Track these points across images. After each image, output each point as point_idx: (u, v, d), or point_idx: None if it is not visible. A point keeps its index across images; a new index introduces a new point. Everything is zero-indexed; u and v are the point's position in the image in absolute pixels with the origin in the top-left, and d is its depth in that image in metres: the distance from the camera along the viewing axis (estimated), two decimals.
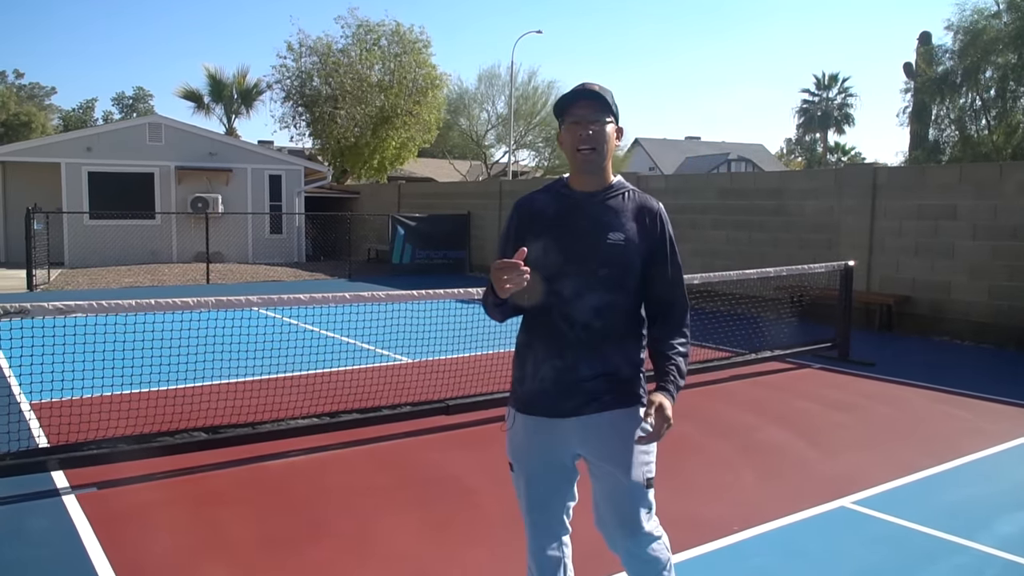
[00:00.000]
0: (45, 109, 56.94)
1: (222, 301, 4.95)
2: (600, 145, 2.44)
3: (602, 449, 2.49)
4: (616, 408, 2.47)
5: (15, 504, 4.37)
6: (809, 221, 12.22)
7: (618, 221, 2.46)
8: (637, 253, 2.44)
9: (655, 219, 2.50)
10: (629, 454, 2.47)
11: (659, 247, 2.48)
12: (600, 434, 2.48)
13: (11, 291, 14.30)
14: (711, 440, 5.77)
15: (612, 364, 2.47)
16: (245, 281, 17.11)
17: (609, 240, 2.43)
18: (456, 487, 4.75)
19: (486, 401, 6.04)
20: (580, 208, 2.49)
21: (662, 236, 2.49)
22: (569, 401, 2.46)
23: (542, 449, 2.54)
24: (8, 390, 6.22)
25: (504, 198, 19.06)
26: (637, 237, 2.45)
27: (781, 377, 7.99)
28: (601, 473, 2.52)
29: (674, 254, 2.52)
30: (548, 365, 2.48)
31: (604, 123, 2.44)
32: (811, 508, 4.45)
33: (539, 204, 2.56)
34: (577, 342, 2.44)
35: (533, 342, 2.54)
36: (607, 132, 2.45)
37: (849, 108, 55.55)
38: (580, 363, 2.44)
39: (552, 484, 2.57)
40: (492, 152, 42.65)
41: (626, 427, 2.47)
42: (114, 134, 21.09)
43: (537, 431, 2.53)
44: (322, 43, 28.98)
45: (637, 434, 2.43)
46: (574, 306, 2.44)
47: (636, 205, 2.50)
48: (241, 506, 4.43)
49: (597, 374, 2.45)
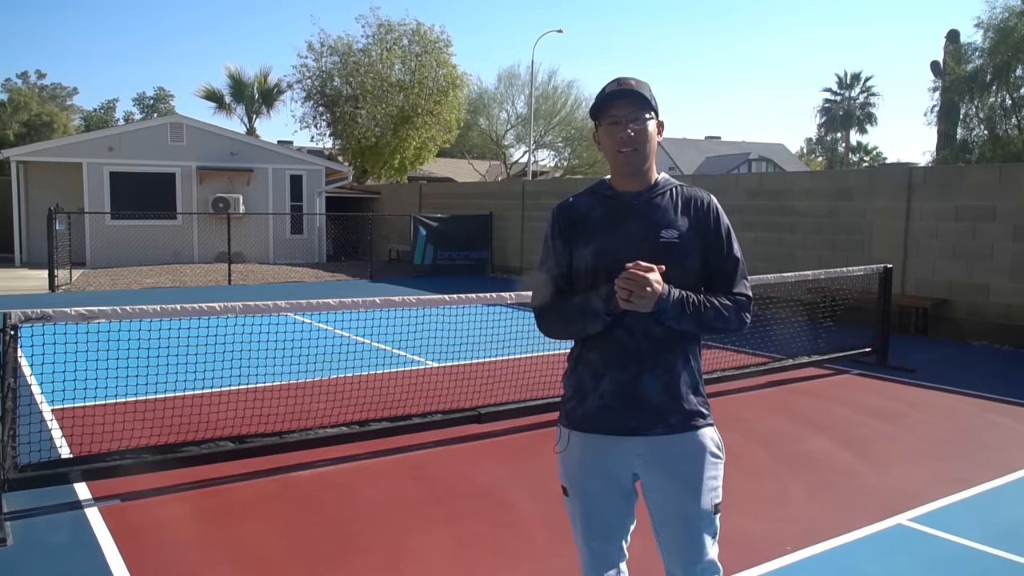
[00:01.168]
0: (67, 109, 57.32)
1: (249, 306, 4.79)
2: (642, 145, 2.28)
3: (669, 473, 2.30)
4: (684, 431, 2.29)
5: (37, 517, 4.23)
6: (841, 222, 11.93)
7: (669, 218, 2.30)
8: (694, 249, 2.29)
9: (708, 211, 2.34)
10: (698, 479, 2.29)
11: (715, 240, 2.32)
12: (667, 457, 2.29)
13: (33, 292, 14.28)
14: (753, 449, 5.55)
15: (676, 376, 2.29)
16: (266, 282, 17.02)
17: (663, 239, 2.27)
18: (490, 501, 4.56)
19: (519, 409, 5.85)
20: (628, 209, 2.32)
21: (717, 228, 2.33)
22: (633, 418, 2.28)
23: (601, 470, 2.35)
24: (30, 397, 6.10)
25: (527, 199, 18.87)
26: (691, 232, 2.29)
27: (819, 383, 7.74)
28: (665, 498, 2.33)
29: (732, 246, 2.35)
30: (608, 378, 2.30)
31: (645, 120, 2.28)
32: (867, 526, 4.22)
33: (582, 207, 2.39)
34: (638, 352, 2.27)
35: (590, 355, 2.35)
36: (649, 130, 2.29)
37: (872, 107, 54.92)
38: (643, 374, 2.27)
39: (612, 508, 2.38)
40: (511, 152, 42.49)
41: (694, 450, 2.30)
42: (136, 134, 21.10)
43: (596, 450, 2.34)
44: (343, 43, 28.92)
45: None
46: (633, 313, 2.24)
47: (686, 199, 2.34)
48: (268, 520, 4.27)
49: (662, 387, 2.27)
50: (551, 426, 2.49)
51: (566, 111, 39.69)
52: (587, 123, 38.73)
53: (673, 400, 2.28)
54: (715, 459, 2.33)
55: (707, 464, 2.30)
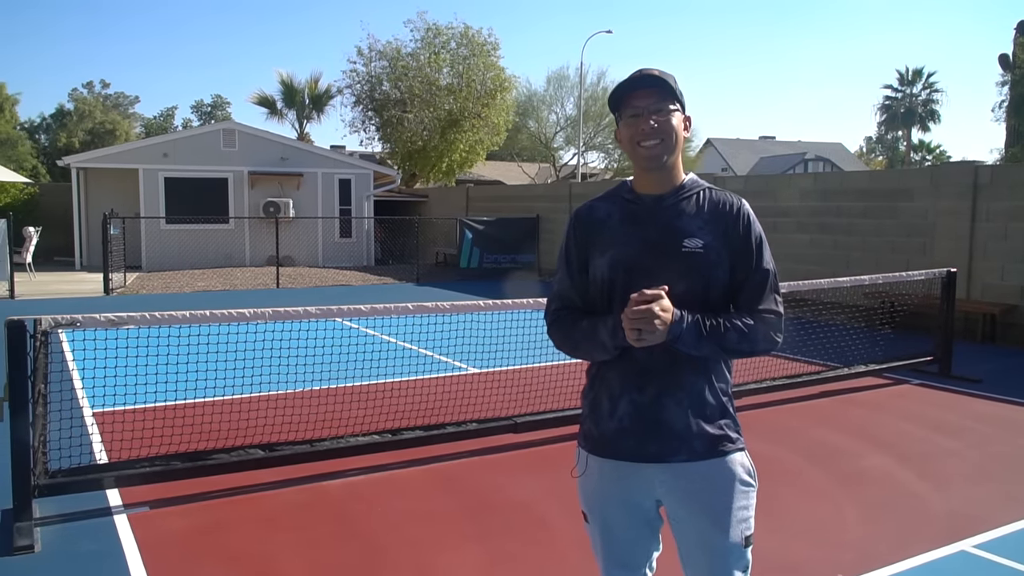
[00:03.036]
0: (129, 117, 58.90)
1: (279, 312, 4.69)
2: (667, 137, 2.06)
3: (693, 502, 2.09)
4: (710, 458, 2.07)
5: (66, 523, 4.19)
6: (902, 223, 11.45)
7: (694, 225, 2.07)
8: (720, 259, 2.06)
9: (737, 217, 2.09)
10: (726, 509, 2.08)
11: (743, 249, 2.08)
12: (691, 485, 2.08)
13: (88, 295, 14.55)
14: (805, 466, 5.25)
15: (700, 396, 2.07)
16: (314, 285, 17.11)
17: (685, 248, 2.04)
18: (524, 516, 4.38)
19: (556, 419, 5.65)
20: (649, 214, 2.11)
21: (747, 236, 2.09)
22: (654, 443, 2.08)
23: (621, 498, 2.16)
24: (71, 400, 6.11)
25: (574, 200, 18.65)
26: (718, 241, 2.06)
27: (877, 394, 7.36)
28: (689, 529, 2.12)
29: (762, 257, 2.10)
30: (626, 400, 2.09)
31: (669, 112, 2.06)
32: (927, 552, 3.92)
33: (600, 212, 2.19)
34: (659, 372, 2.06)
35: (608, 373, 2.14)
36: (673, 122, 2.07)
37: (935, 104, 53.32)
38: (664, 396, 2.06)
39: (634, 537, 2.19)
40: (561, 154, 42.28)
41: (721, 478, 2.08)
42: (190, 140, 21.45)
43: (616, 477, 2.15)
44: (391, 47, 29.10)
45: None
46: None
47: (713, 204, 2.11)
48: (296, 532, 4.15)
49: (684, 409, 2.06)
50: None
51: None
52: None
53: (697, 424, 2.07)
54: (745, 487, 2.11)
55: (736, 493, 2.09)
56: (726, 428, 2.10)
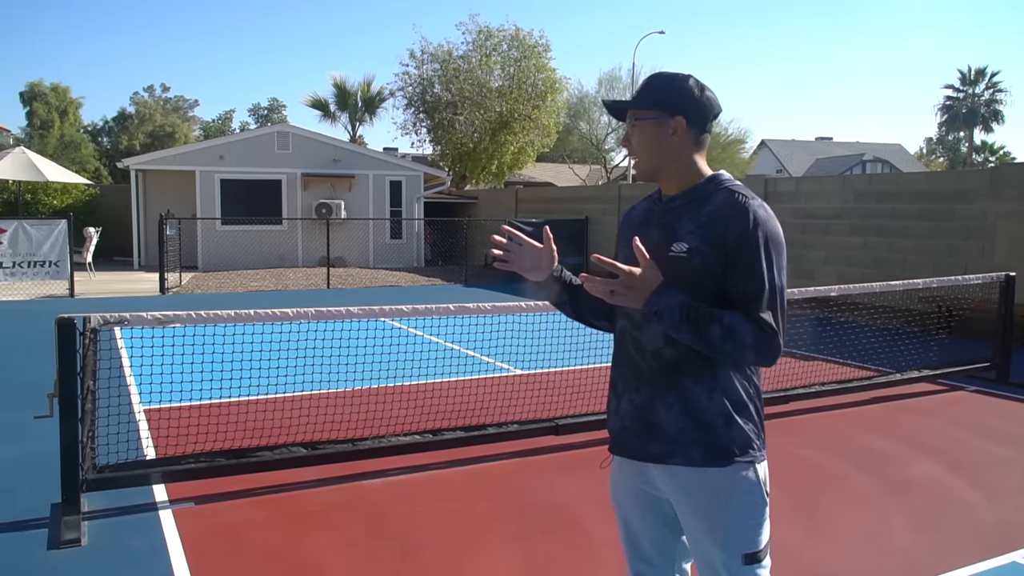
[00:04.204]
0: (188, 120, 60.35)
1: (321, 312, 4.76)
2: (637, 152, 2.11)
3: (692, 509, 2.06)
4: (707, 466, 2.01)
5: (113, 518, 4.30)
6: (959, 226, 11.11)
7: (686, 229, 2.02)
8: (706, 266, 1.96)
9: (735, 218, 1.96)
10: (721, 522, 2.02)
11: (736, 255, 1.94)
12: (691, 492, 2.05)
13: (145, 294, 14.95)
14: (852, 473, 5.13)
15: (696, 404, 2.01)
16: (364, 285, 17.30)
17: (671, 252, 2.01)
18: (562, 519, 4.36)
19: (597, 422, 5.61)
20: (656, 216, 2.13)
21: (740, 243, 1.94)
22: (651, 444, 2.08)
23: (636, 493, 2.19)
24: (121, 397, 6.28)
25: (623, 202, 18.53)
26: (706, 245, 1.97)
27: (930, 401, 7.16)
28: (689, 535, 2.13)
29: (755, 265, 1.93)
30: (627, 400, 2.13)
31: (635, 125, 2.10)
32: (977, 563, 3.79)
33: (635, 212, 2.26)
34: (650, 374, 2.06)
35: (614, 373, 2.21)
36: (641, 134, 2.09)
37: (998, 104, 51.70)
38: (655, 400, 2.05)
39: (652, 533, 2.20)
40: (612, 156, 42.05)
41: (722, 488, 2.02)
42: (245, 143, 21.91)
43: (629, 473, 2.19)
44: (443, 50, 29.29)
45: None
46: (644, 331, 2.08)
47: (717, 206, 2.01)
48: (336, 530, 4.19)
49: (677, 415, 2.02)
50: None
51: None
52: None
53: (694, 431, 2.01)
54: (750, 500, 2.03)
55: (736, 506, 2.02)
56: (734, 438, 2.02)
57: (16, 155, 18.67)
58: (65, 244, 14.19)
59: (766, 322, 1.92)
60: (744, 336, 1.90)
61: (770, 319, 1.93)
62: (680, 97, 2.06)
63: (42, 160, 19.42)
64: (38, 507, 4.35)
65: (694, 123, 2.06)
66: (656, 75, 2.11)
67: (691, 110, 2.06)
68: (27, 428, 5.74)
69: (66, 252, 14.21)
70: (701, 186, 2.08)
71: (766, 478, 2.07)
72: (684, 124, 2.05)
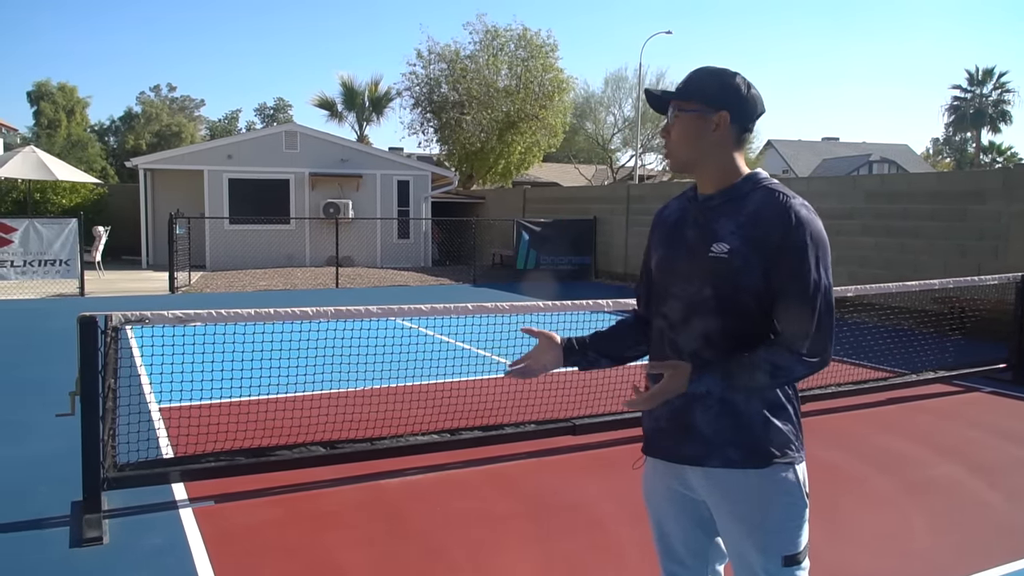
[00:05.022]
0: (194, 120, 60.45)
1: (340, 311, 4.75)
2: (672, 145, 2.07)
3: (730, 511, 2.03)
4: (746, 468, 2.00)
5: (133, 516, 4.29)
6: (972, 227, 11.07)
7: (728, 228, 1.97)
8: (748, 266, 1.93)
9: (779, 218, 1.92)
10: (761, 523, 2.00)
11: (780, 255, 1.91)
12: (729, 494, 2.02)
13: (154, 293, 14.97)
14: (870, 474, 5.11)
15: (734, 406, 1.98)
16: (372, 285, 17.30)
17: (711, 253, 1.97)
18: (583, 518, 4.34)
19: (615, 422, 5.61)
20: (693, 215, 2.08)
21: (785, 243, 1.91)
22: (688, 446, 2.05)
23: (671, 494, 2.16)
24: (138, 396, 6.28)
25: (631, 203, 18.51)
26: (748, 246, 1.94)
27: (946, 402, 7.13)
28: (727, 538, 2.09)
29: (803, 264, 1.90)
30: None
31: (678, 119, 2.04)
32: (999, 566, 3.77)
33: (667, 211, 2.21)
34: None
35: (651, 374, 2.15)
36: (681, 129, 2.04)
37: (1006, 105, 51.54)
38: (693, 401, 1.99)
39: (685, 534, 2.18)
40: (618, 156, 42.04)
41: (761, 489, 2.00)
42: (253, 142, 21.93)
43: (663, 474, 2.16)
44: (450, 50, 29.30)
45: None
46: (681, 333, 2.04)
47: (758, 205, 1.97)
48: (356, 529, 4.19)
49: (714, 416, 2.00)
50: None
51: None
52: None
53: (731, 432, 2.00)
54: (790, 501, 2.01)
55: (776, 507, 2.00)
56: (773, 440, 2.00)
57: (26, 154, 18.72)
58: (75, 243, 14.21)
59: (808, 322, 1.92)
60: (793, 367, 1.93)
61: (812, 318, 1.91)
62: (725, 92, 2.03)
63: (52, 159, 19.47)
64: (58, 505, 4.35)
65: (737, 120, 2.03)
66: (702, 68, 2.07)
67: (736, 106, 2.03)
68: (42, 426, 5.76)
69: (76, 251, 14.24)
70: (739, 185, 2.04)
71: (805, 479, 2.05)
72: (727, 120, 2.02)
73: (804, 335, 1.92)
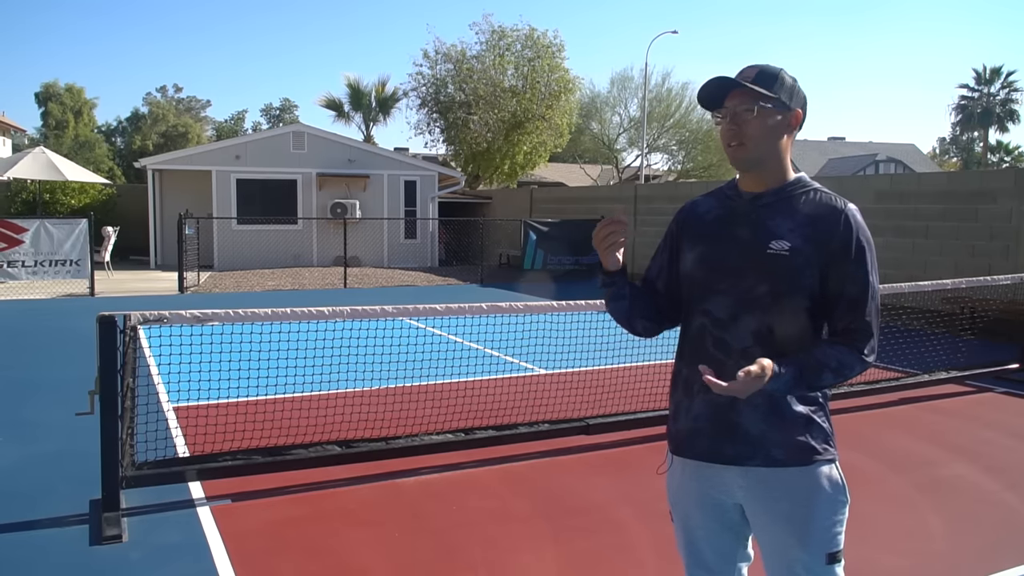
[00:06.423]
0: (200, 121, 60.64)
1: (357, 311, 4.76)
2: (747, 140, 2.00)
3: (772, 511, 2.03)
4: (790, 466, 2.00)
5: (152, 514, 4.32)
6: (983, 226, 11.06)
7: (786, 227, 1.98)
8: (808, 265, 1.96)
9: (836, 221, 1.97)
10: (806, 522, 2.00)
11: (839, 257, 1.96)
12: (771, 493, 2.02)
13: (163, 293, 15.01)
14: (885, 473, 5.11)
15: (779, 404, 1.99)
16: (380, 285, 17.33)
17: (771, 250, 1.97)
18: (600, 519, 4.35)
19: (628, 421, 5.61)
20: (743, 213, 2.06)
21: (845, 243, 1.96)
22: (729, 446, 2.03)
23: (701, 498, 2.13)
24: (153, 395, 6.31)
25: (639, 203, 18.51)
26: (809, 245, 1.96)
27: (959, 402, 7.12)
28: (769, 539, 2.07)
29: (861, 267, 1.97)
30: (702, 400, 2.05)
31: (754, 113, 1.98)
32: (1019, 566, 3.77)
33: (701, 208, 2.17)
34: (735, 374, 1.99)
35: (686, 371, 2.12)
36: (758, 124, 1.99)
37: (1014, 104, 51.40)
38: (740, 400, 1.96)
39: (715, 541, 2.16)
40: (624, 156, 42.02)
41: (804, 487, 2.01)
42: (261, 143, 21.97)
43: (696, 477, 2.12)
44: (456, 50, 29.32)
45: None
46: (729, 330, 2.02)
47: (815, 206, 2.00)
48: (372, 528, 4.21)
49: (762, 415, 1.99)
50: (661, 439, 2.29)
51: (680, 113, 38.93)
52: (702, 125, 37.87)
53: (776, 431, 2.00)
54: (832, 501, 2.02)
55: (819, 505, 2.00)
56: (811, 438, 2.02)
57: (36, 155, 18.79)
58: (86, 243, 14.26)
59: (869, 323, 2.00)
60: (854, 365, 1.99)
61: (871, 318, 2.00)
62: (795, 91, 2.04)
63: (61, 160, 19.53)
64: (76, 503, 4.37)
65: (803, 121, 2.07)
66: (763, 65, 2.04)
67: (805, 107, 2.06)
68: (58, 425, 5.78)
69: (87, 251, 14.29)
70: (789, 186, 2.06)
71: (843, 477, 2.07)
72: (800, 119, 2.05)
73: (867, 334, 1.99)
